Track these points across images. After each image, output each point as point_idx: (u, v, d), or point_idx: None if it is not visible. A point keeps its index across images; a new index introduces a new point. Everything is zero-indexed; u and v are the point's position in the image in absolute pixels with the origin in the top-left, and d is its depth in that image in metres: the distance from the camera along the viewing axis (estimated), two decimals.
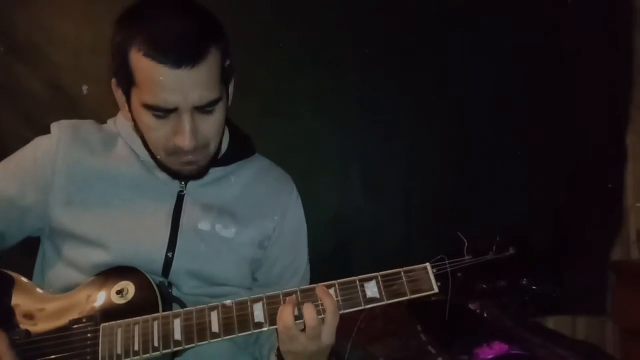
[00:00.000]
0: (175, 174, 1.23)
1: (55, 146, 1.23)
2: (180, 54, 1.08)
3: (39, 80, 1.95)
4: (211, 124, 1.17)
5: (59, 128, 1.26)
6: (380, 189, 2.18)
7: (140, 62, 1.09)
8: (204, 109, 1.14)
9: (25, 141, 1.28)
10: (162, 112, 1.12)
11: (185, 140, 1.13)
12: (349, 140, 2.16)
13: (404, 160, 2.19)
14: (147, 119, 1.15)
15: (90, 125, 1.31)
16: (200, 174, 1.24)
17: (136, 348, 1.09)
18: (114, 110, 1.30)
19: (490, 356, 1.59)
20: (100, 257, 1.20)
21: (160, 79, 1.08)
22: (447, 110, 2.18)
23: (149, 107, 1.12)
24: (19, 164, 1.25)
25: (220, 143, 1.25)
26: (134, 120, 1.20)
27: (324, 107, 2.14)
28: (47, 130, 1.27)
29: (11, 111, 1.95)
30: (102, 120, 1.34)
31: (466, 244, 1.03)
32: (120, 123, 1.30)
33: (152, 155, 1.22)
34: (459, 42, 2.18)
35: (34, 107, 1.94)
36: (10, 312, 1.16)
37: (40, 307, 1.17)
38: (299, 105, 2.12)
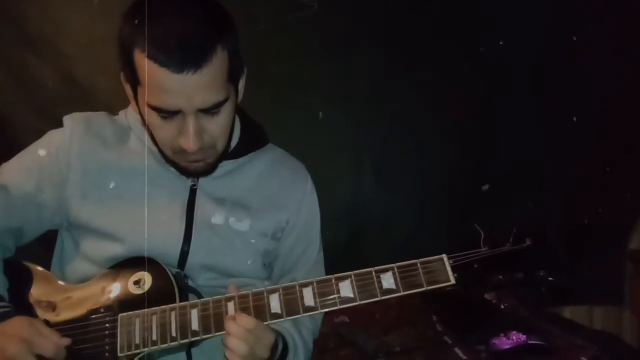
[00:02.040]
0: (182, 170, 1.23)
1: (68, 140, 1.24)
2: (184, 58, 1.05)
3: (51, 73, 1.95)
4: (217, 125, 1.16)
5: (71, 121, 1.26)
6: (393, 179, 2.17)
7: (143, 64, 1.07)
8: (209, 110, 1.12)
9: (39, 133, 1.28)
10: (166, 113, 1.11)
11: (189, 143, 1.12)
12: (362, 129, 2.15)
13: (417, 150, 2.18)
14: (152, 118, 1.14)
15: (103, 117, 1.30)
16: (207, 171, 1.23)
17: (154, 338, 1.10)
18: (126, 102, 1.29)
19: (507, 346, 1.58)
20: (116, 250, 1.21)
21: (163, 82, 1.06)
22: (461, 99, 2.16)
23: (152, 107, 1.11)
24: (33, 159, 1.25)
25: (229, 139, 1.24)
26: (141, 115, 1.19)
27: (337, 97, 2.13)
28: (60, 123, 1.27)
29: (24, 104, 1.95)
30: (115, 112, 1.34)
31: (482, 236, 1.02)
32: (131, 115, 1.29)
33: (160, 151, 1.21)
34: (474, 32, 2.15)
35: (47, 100, 1.94)
36: (29, 302, 1.18)
37: (59, 297, 1.19)
38: (312, 95, 2.11)
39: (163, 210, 1.24)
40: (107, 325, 1.13)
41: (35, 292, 1.20)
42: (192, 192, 1.27)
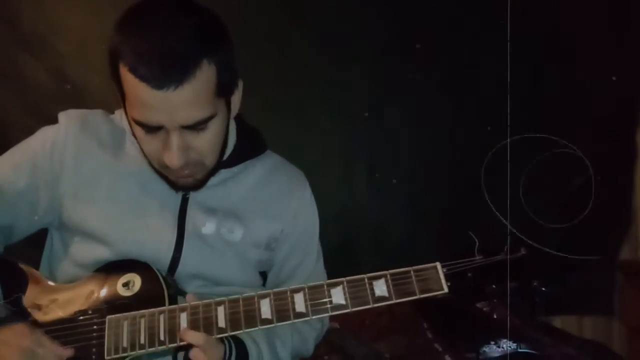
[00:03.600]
0: (172, 184, 1.20)
1: (63, 137, 1.21)
2: (164, 73, 1.01)
3: (44, 71, 1.94)
4: (204, 141, 1.11)
5: (67, 118, 1.24)
6: (386, 185, 2.17)
7: (126, 77, 1.04)
8: (194, 127, 1.08)
9: (30, 131, 1.26)
10: (149, 128, 1.08)
11: (172, 160, 1.09)
12: (354, 135, 2.14)
13: (410, 156, 2.18)
14: (138, 131, 1.12)
15: (99, 116, 1.28)
16: (196, 186, 1.21)
17: (142, 341, 1.08)
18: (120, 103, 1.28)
19: (497, 354, 1.58)
20: (104, 254, 1.19)
21: (144, 98, 1.03)
22: (454, 106, 2.16)
23: (135, 122, 1.09)
24: (27, 155, 1.22)
25: (222, 154, 1.21)
26: (130, 126, 1.17)
27: (329, 103, 2.12)
28: (51, 121, 1.24)
29: (16, 101, 1.94)
30: (111, 111, 1.31)
31: (477, 244, 1.02)
32: (125, 119, 1.26)
33: (150, 163, 1.19)
34: (465, 39, 2.16)
35: (39, 98, 1.92)
36: (20, 303, 1.16)
37: (48, 298, 1.17)
38: (304, 100, 2.10)
39: (154, 217, 1.21)
40: (94, 327, 1.12)
41: (28, 292, 1.17)
42: (184, 201, 1.24)
